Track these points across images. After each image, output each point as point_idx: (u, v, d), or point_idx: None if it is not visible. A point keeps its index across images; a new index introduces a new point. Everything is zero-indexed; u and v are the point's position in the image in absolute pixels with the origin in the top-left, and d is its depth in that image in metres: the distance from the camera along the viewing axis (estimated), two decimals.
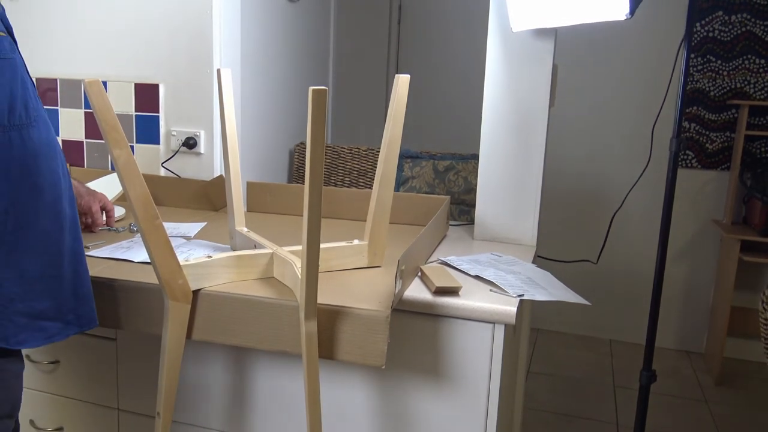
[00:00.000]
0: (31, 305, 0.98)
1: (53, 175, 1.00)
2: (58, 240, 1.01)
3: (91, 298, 1.08)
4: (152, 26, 1.92)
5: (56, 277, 1.01)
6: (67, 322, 1.03)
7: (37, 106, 1.00)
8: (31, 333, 0.98)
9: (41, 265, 0.98)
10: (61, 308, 1.02)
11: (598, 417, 2.60)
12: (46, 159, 0.99)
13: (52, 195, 1.00)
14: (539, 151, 1.56)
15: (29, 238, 0.97)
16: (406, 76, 1.18)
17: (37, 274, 0.98)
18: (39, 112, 1.00)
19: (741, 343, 3.19)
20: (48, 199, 0.99)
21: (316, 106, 0.89)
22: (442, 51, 3.51)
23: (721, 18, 3.02)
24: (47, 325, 1.00)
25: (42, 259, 0.98)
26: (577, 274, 2.01)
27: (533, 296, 1.17)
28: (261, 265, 1.20)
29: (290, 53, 2.61)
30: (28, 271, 0.97)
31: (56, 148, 1.03)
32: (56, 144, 1.03)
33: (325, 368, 1.24)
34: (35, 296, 0.98)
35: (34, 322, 0.99)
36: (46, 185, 0.99)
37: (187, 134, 1.95)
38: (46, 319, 1.00)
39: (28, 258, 0.97)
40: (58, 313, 1.01)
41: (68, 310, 1.03)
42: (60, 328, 1.02)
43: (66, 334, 1.03)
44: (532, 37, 1.52)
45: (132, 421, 1.39)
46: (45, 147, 0.99)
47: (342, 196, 1.73)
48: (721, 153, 3.13)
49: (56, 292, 1.01)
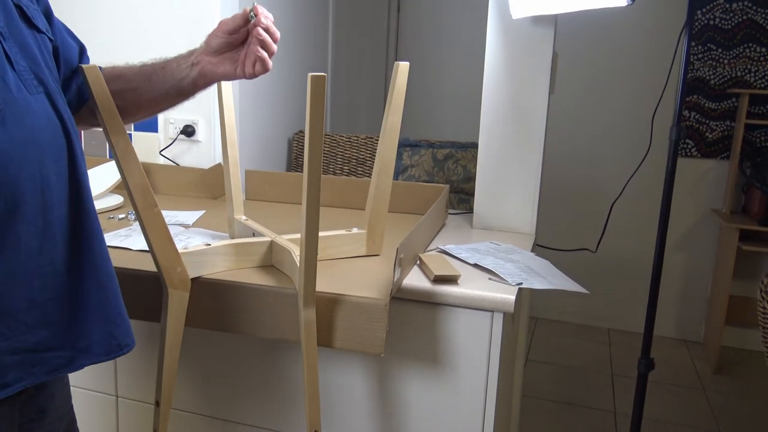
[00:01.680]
0: (22, 339, 0.81)
1: (36, 181, 0.80)
2: (50, 257, 0.83)
3: (115, 317, 0.92)
4: (151, 14, 1.91)
5: (54, 300, 0.84)
6: (79, 350, 0.87)
7: (3, 95, 0.78)
8: (27, 369, 0.82)
9: (29, 290, 0.81)
10: (65, 335, 0.86)
11: (596, 405, 2.61)
12: (24, 163, 0.79)
13: (36, 206, 0.81)
14: (539, 139, 1.55)
15: (6, 264, 0.79)
16: (406, 63, 1.18)
17: (24, 304, 0.81)
18: (8, 102, 0.78)
19: (739, 332, 3.20)
20: (30, 212, 0.80)
21: (315, 92, 0.89)
22: (442, 38, 3.50)
23: (722, 6, 3.00)
24: (48, 357, 0.84)
25: (29, 285, 0.81)
26: (575, 263, 2.01)
27: (532, 285, 1.17)
28: (259, 253, 1.20)
29: (289, 41, 2.60)
30: (10, 302, 0.80)
31: (44, 142, 0.82)
32: (45, 135, 0.83)
33: (324, 356, 1.25)
34: (26, 329, 0.81)
35: (29, 356, 0.82)
36: (25, 197, 0.79)
37: (186, 122, 1.94)
38: (48, 350, 0.84)
39: (4, 288, 0.79)
40: (62, 342, 0.85)
41: (78, 336, 0.87)
42: (67, 359, 0.86)
43: (79, 365, 0.88)
44: (532, 25, 1.51)
45: (130, 408, 1.40)
46: (19, 147, 0.78)
47: (340, 184, 1.73)
48: (721, 142, 3.12)
49: (56, 317, 0.84)
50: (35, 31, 0.88)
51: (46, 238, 0.83)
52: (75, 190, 0.87)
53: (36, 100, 0.82)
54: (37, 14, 0.91)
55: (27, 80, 0.82)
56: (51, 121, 0.84)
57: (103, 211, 1.62)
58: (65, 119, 0.86)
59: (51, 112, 0.84)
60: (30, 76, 0.83)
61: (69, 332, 0.86)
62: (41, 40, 0.89)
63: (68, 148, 0.86)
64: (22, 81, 0.81)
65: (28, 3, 0.89)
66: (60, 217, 0.85)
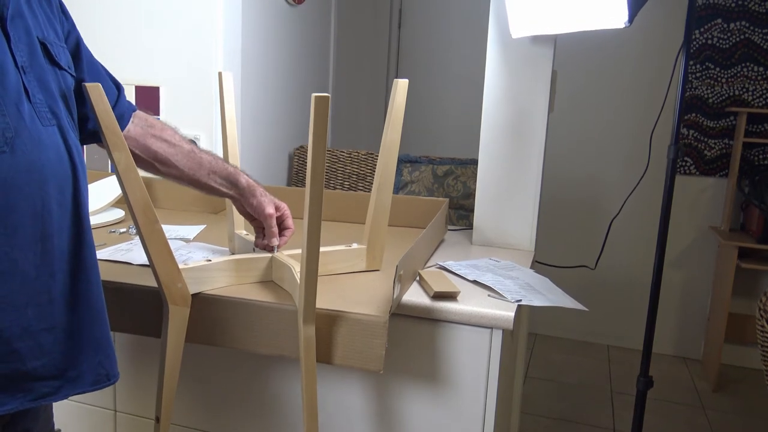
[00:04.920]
0: (13, 367, 0.82)
1: (36, 208, 0.82)
2: (47, 284, 0.84)
3: (105, 347, 0.93)
4: (153, 29, 1.93)
5: (48, 330, 0.85)
6: (67, 380, 0.88)
7: (15, 125, 0.80)
8: (11, 395, 0.82)
9: (23, 318, 0.81)
10: (57, 365, 0.86)
11: (595, 423, 2.60)
12: (26, 190, 0.81)
13: (35, 233, 0.82)
14: (538, 156, 1.56)
15: (1, 289, 0.80)
16: (405, 80, 1.19)
17: (17, 330, 0.81)
18: (20, 131, 0.81)
19: (738, 350, 3.20)
20: (29, 239, 0.81)
21: (318, 112, 0.90)
22: (442, 55, 3.52)
23: (720, 25, 3.03)
24: (36, 386, 0.84)
25: (23, 312, 0.81)
26: (575, 280, 2.01)
27: (531, 302, 1.17)
28: (260, 269, 1.20)
29: (290, 56, 2.62)
30: (2, 327, 0.80)
31: (48, 172, 0.84)
32: (52, 166, 0.84)
33: (323, 372, 1.25)
34: (17, 358, 0.82)
35: (18, 384, 0.83)
36: (24, 222, 0.81)
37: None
38: (37, 379, 0.84)
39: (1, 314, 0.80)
40: (53, 371, 0.86)
41: (69, 366, 0.88)
42: (55, 388, 0.87)
43: (65, 395, 0.88)
44: (531, 44, 1.52)
45: (130, 423, 1.39)
46: (22, 174, 0.80)
47: (341, 199, 1.73)
48: (719, 160, 3.14)
49: (49, 346, 0.85)
50: (57, 68, 0.92)
51: (44, 267, 0.84)
52: (76, 221, 0.89)
53: (47, 132, 0.85)
54: (61, 51, 0.95)
55: (41, 112, 0.86)
56: (59, 153, 0.86)
57: (104, 225, 1.62)
58: (74, 153, 0.89)
59: (61, 144, 0.87)
60: (45, 109, 0.86)
61: (60, 362, 0.87)
62: (62, 76, 0.94)
63: (73, 180, 0.89)
64: (36, 113, 0.85)
65: (54, 41, 0.93)
66: (59, 246, 0.86)
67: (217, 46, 1.89)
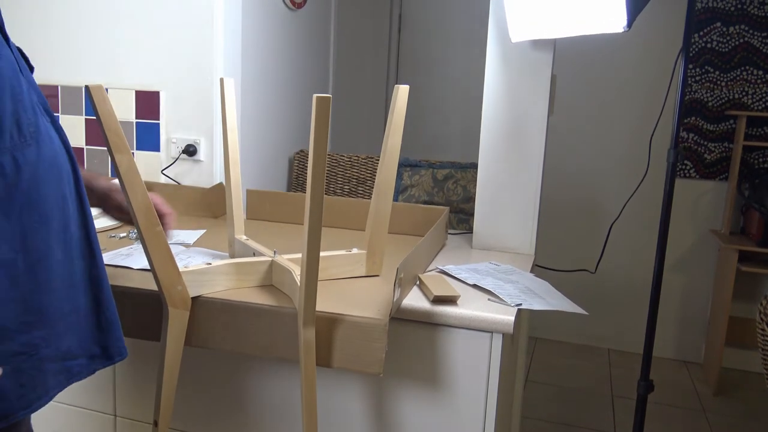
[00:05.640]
0: (57, 347, 0.88)
1: (59, 199, 0.88)
2: (70, 269, 0.90)
3: (116, 327, 0.98)
4: (154, 34, 1.93)
5: (74, 311, 0.91)
6: (92, 357, 0.94)
7: (34, 120, 0.86)
8: (57, 377, 0.89)
9: (58, 300, 0.88)
10: (82, 343, 0.93)
11: (596, 427, 2.59)
12: (51, 182, 0.87)
13: (60, 222, 0.88)
14: (538, 160, 1.57)
15: (43, 274, 0.86)
16: (406, 86, 1.19)
17: (57, 312, 0.88)
18: (38, 126, 0.86)
19: (739, 354, 3.19)
20: (56, 227, 0.88)
21: (320, 113, 0.90)
22: (442, 60, 3.53)
23: (719, 29, 3.04)
24: (71, 365, 0.91)
25: (58, 294, 0.88)
26: (575, 284, 2.01)
27: (531, 306, 1.17)
28: (260, 273, 1.21)
29: (290, 61, 2.62)
30: (48, 310, 0.87)
31: (60, 165, 0.89)
32: (60, 159, 0.90)
33: (323, 375, 1.25)
34: (57, 336, 0.88)
35: (60, 364, 0.89)
36: (53, 212, 0.87)
37: (188, 141, 1.96)
38: (70, 358, 0.91)
39: (45, 296, 0.86)
40: (81, 350, 0.93)
41: (92, 343, 0.95)
42: (83, 366, 0.93)
43: (92, 370, 0.94)
44: (531, 48, 1.53)
45: (128, 428, 1.39)
46: (48, 168, 0.86)
47: (341, 204, 1.73)
48: (719, 163, 3.14)
49: (76, 326, 0.92)
50: (30, 69, 0.97)
51: (67, 253, 0.90)
52: (81, 210, 0.94)
53: (51, 128, 0.91)
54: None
55: (41, 110, 0.91)
56: (61, 147, 0.92)
57: (104, 229, 1.62)
58: (68, 146, 0.94)
59: (59, 139, 0.92)
60: (42, 107, 0.91)
61: (86, 341, 0.94)
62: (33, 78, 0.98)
63: (73, 171, 0.93)
64: (38, 110, 0.89)
65: None
66: (75, 233, 0.92)
67: (217, 51, 1.90)
